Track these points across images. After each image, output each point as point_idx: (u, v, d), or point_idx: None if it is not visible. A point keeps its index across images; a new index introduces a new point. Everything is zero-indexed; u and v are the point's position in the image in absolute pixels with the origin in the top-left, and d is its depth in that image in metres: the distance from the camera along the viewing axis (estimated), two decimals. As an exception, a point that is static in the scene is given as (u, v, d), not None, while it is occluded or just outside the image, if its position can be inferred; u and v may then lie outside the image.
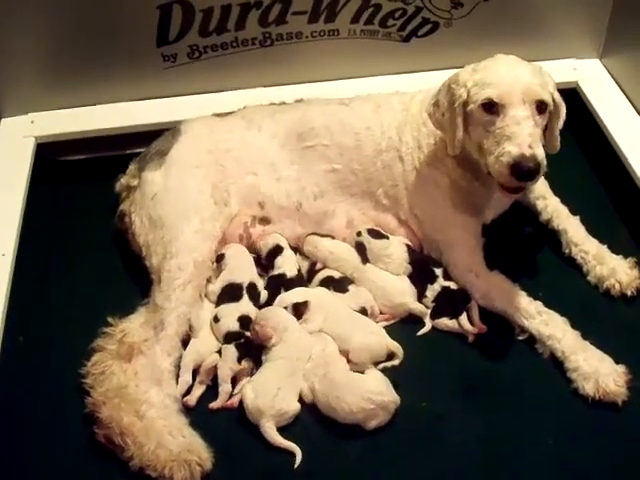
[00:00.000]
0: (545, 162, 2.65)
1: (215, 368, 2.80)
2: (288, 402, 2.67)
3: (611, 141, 3.44)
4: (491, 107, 2.73)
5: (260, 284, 3.08)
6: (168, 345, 2.80)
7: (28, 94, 3.62)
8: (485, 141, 2.76)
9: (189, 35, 3.55)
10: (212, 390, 2.79)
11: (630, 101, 3.65)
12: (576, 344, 2.79)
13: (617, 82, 3.77)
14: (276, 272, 3.10)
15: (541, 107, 2.75)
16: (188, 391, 2.79)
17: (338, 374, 2.69)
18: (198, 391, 2.79)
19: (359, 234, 3.15)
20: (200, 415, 2.72)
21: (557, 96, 2.86)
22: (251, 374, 2.79)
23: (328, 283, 3.05)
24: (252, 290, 3.01)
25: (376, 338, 2.85)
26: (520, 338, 2.90)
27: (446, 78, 2.95)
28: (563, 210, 3.28)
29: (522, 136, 2.64)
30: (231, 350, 2.79)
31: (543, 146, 2.71)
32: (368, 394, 2.59)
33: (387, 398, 2.62)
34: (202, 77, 3.69)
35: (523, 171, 2.62)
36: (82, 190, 3.67)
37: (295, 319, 2.89)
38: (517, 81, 2.72)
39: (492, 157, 2.71)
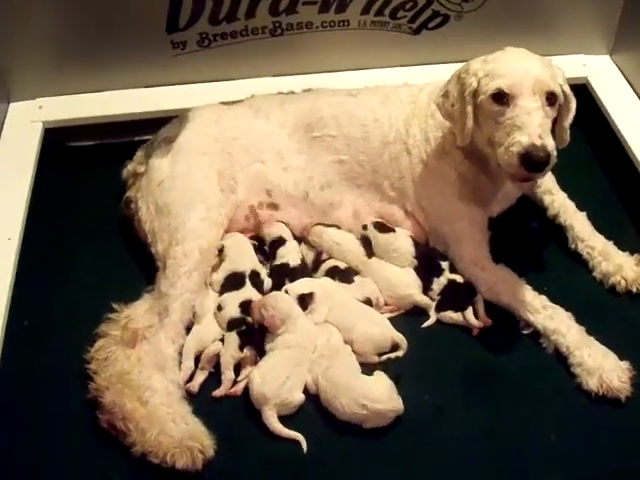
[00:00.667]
0: (555, 153, 2.64)
1: (218, 355, 2.81)
2: (294, 392, 2.68)
3: (620, 138, 3.43)
4: (501, 98, 2.71)
5: (263, 272, 3.08)
6: (172, 332, 2.80)
7: (36, 79, 3.62)
8: (495, 133, 2.75)
9: (199, 23, 3.54)
10: (215, 378, 2.79)
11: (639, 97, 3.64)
12: (581, 339, 2.78)
13: (627, 79, 3.77)
14: (279, 262, 3.10)
15: (551, 99, 2.73)
16: (191, 378, 2.79)
17: (339, 372, 2.68)
18: (200, 377, 2.80)
19: (365, 227, 3.15)
20: (203, 402, 2.72)
21: (567, 89, 2.85)
22: (255, 362, 2.78)
23: (334, 273, 3.05)
24: (255, 278, 3.02)
25: (380, 329, 2.85)
26: (525, 332, 2.90)
27: (455, 70, 2.95)
28: (570, 206, 3.27)
29: (532, 126, 2.63)
30: (233, 338, 2.79)
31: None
32: (364, 400, 2.58)
33: (383, 406, 2.59)
34: (211, 65, 3.68)
35: (533, 161, 2.60)
36: (89, 176, 3.67)
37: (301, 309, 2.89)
38: (528, 72, 2.71)
39: (502, 148, 2.69)
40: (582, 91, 3.62)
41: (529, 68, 2.74)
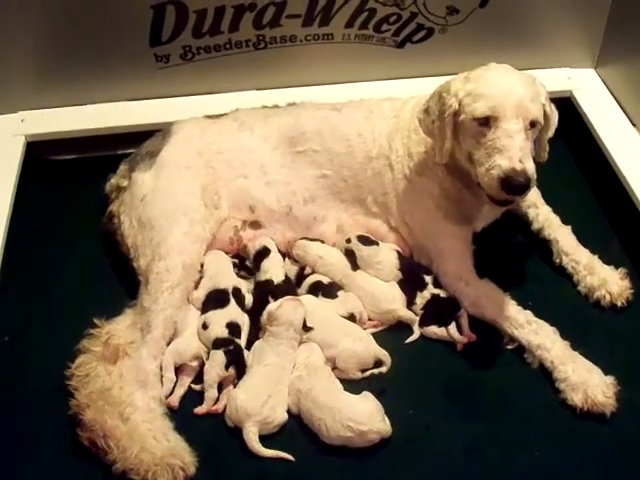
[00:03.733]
0: (535, 176, 2.65)
1: (196, 369, 2.81)
2: (276, 410, 2.66)
3: (604, 151, 3.43)
4: (483, 119, 2.71)
5: (244, 287, 3.06)
6: (154, 348, 2.78)
7: (18, 92, 3.60)
8: (475, 152, 2.76)
9: (182, 36, 3.53)
10: (197, 395, 2.77)
11: (624, 111, 3.65)
12: (565, 354, 2.77)
13: (611, 92, 3.77)
14: (263, 278, 3.07)
15: (533, 123, 2.74)
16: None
17: (323, 393, 2.65)
18: (180, 391, 2.78)
19: (349, 241, 3.14)
20: (185, 419, 2.70)
21: (548, 107, 2.85)
22: (234, 382, 2.77)
23: (317, 288, 3.03)
24: (237, 294, 2.99)
25: (364, 345, 2.83)
26: (509, 347, 2.89)
27: (438, 85, 2.94)
28: (554, 219, 3.27)
29: (513, 149, 2.63)
30: (220, 356, 2.77)
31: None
32: (349, 422, 2.55)
33: (368, 428, 2.56)
34: (195, 78, 3.67)
35: (513, 185, 2.61)
36: (71, 190, 3.65)
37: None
38: (510, 94, 2.70)
39: (482, 169, 2.71)
40: (567, 104, 3.63)
41: (512, 89, 2.73)
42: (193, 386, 2.80)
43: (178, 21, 3.48)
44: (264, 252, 3.13)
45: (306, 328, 2.86)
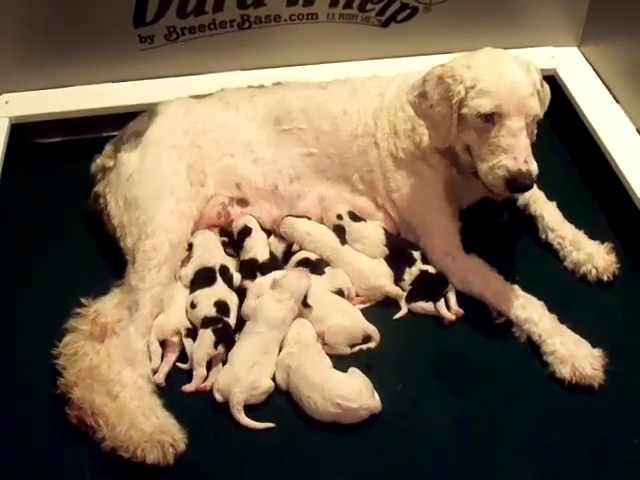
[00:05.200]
0: (537, 174, 2.69)
1: (178, 345, 2.83)
2: (262, 377, 2.67)
3: (589, 128, 3.45)
4: (487, 115, 2.72)
5: (231, 266, 3.06)
6: (142, 326, 2.78)
7: (2, 74, 3.59)
8: (477, 146, 2.78)
9: (167, 16, 3.52)
10: (186, 373, 2.77)
11: (608, 89, 3.67)
12: (553, 328, 2.79)
13: (595, 70, 3.79)
14: (247, 257, 3.08)
15: (534, 117, 2.77)
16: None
17: (312, 370, 2.66)
18: (165, 368, 2.79)
19: (340, 217, 3.15)
20: (174, 397, 2.70)
21: (542, 92, 2.87)
22: (224, 360, 2.76)
23: (304, 265, 3.03)
24: (225, 272, 3.00)
25: (352, 320, 2.84)
26: (497, 322, 2.90)
27: (431, 68, 2.90)
28: (540, 196, 3.28)
29: (518, 149, 2.67)
30: (208, 335, 2.77)
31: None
32: (338, 399, 2.56)
33: (358, 404, 2.57)
34: (179, 59, 3.67)
35: (518, 186, 2.67)
36: (56, 172, 3.65)
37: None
38: (514, 91, 2.71)
39: (486, 165, 2.73)
40: (551, 82, 3.56)
41: (515, 85, 2.72)
42: (180, 365, 2.80)
43: (162, 1, 3.47)
44: (245, 231, 3.14)
45: (305, 304, 2.86)
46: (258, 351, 2.72)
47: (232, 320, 2.88)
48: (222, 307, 2.87)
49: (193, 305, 2.89)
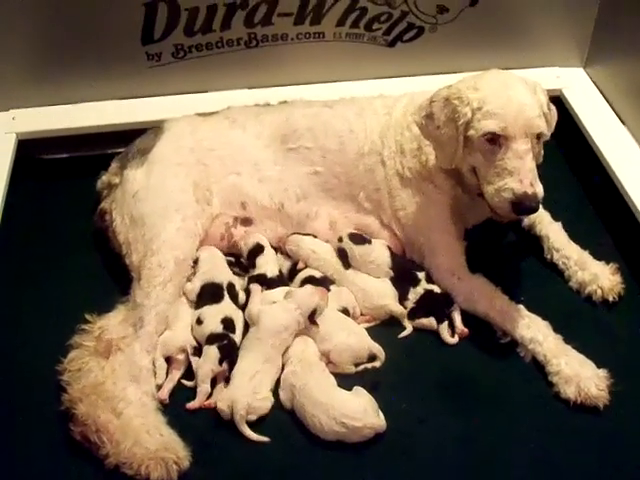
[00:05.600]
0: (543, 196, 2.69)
1: (184, 363, 2.82)
2: (262, 385, 2.69)
3: (594, 148, 3.46)
4: (493, 138, 2.72)
5: (238, 284, 3.06)
6: (147, 343, 2.78)
7: (10, 90, 3.60)
8: (483, 168, 2.78)
9: (174, 34, 3.54)
10: (190, 390, 2.77)
11: (613, 109, 3.67)
12: (558, 348, 2.78)
13: (600, 90, 3.80)
14: (256, 272, 3.08)
15: (539, 137, 2.78)
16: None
17: (317, 389, 2.65)
18: (169, 385, 2.78)
19: (340, 240, 3.14)
20: (178, 414, 2.69)
21: (549, 113, 2.87)
22: (226, 377, 2.76)
23: (310, 282, 3.02)
24: (231, 290, 3.00)
25: (358, 338, 2.83)
26: (502, 341, 2.90)
27: (438, 89, 2.91)
28: (545, 216, 3.28)
29: (524, 172, 2.67)
30: (213, 351, 2.77)
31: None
32: (343, 418, 2.55)
33: (363, 424, 2.56)
34: (186, 77, 3.68)
35: (524, 208, 2.67)
36: (63, 188, 3.65)
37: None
38: (520, 113, 2.71)
39: (492, 188, 2.73)
40: (556, 103, 3.58)
41: (522, 107, 2.73)
42: (185, 382, 2.80)
43: (170, 19, 3.49)
44: (258, 249, 3.14)
45: (313, 321, 2.86)
46: (259, 360, 2.73)
47: (237, 337, 2.87)
48: (228, 324, 2.87)
49: (199, 321, 2.89)
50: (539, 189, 2.68)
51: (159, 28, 3.51)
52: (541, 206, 3.19)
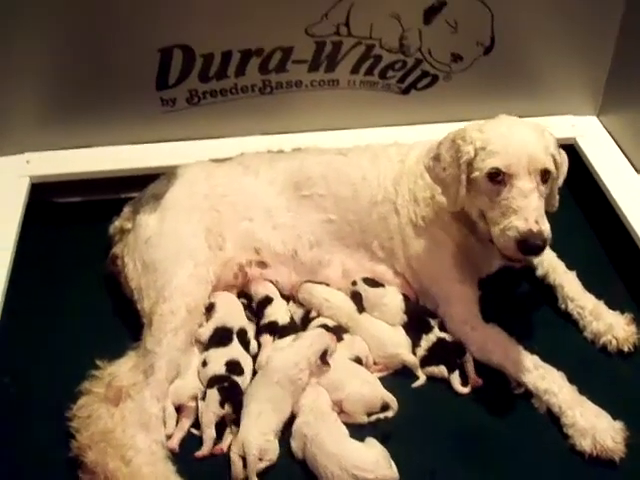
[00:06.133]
0: (550, 236, 2.64)
1: (194, 411, 2.80)
2: (269, 425, 2.67)
3: (609, 197, 3.44)
4: (496, 176, 2.71)
5: (251, 331, 3.05)
6: (157, 390, 2.75)
7: (24, 134, 3.61)
8: (489, 210, 2.76)
9: (189, 80, 3.55)
10: (199, 438, 2.73)
11: (627, 158, 3.66)
12: (573, 399, 2.74)
13: (614, 139, 3.79)
14: (266, 320, 3.07)
15: (545, 176, 2.74)
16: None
17: (329, 440, 2.61)
18: (179, 434, 2.75)
19: (354, 283, 3.14)
20: (188, 463, 2.66)
21: (558, 157, 2.85)
22: (235, 420, 2.73)
23: (323, 331, 3.01)
24: (242, 336, 2.99)
25: (371, 388, 2.80)
26: (516, 392, 2.86)
27: (447, 133, 2.93)
28: (559, 265, 3.26)
29: (529, 210, 2.63)
30: (214, 394, 2.75)
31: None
32: (354, 470, 2.51)
33: (375, 476, 2.52)
34: (200, 122, 3.69)
35: (530, 246, 2.61)
36: (76, 232, 3.64)
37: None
38: (523, 150, 2.70)
39: (497, 228, 2.70)
40: (570, 151, 3.61)
41: (525, 145, 2.72)
42: (193, 431, 2.77)
43: (185, 65, 3.50)
44: (266, 301, 3.13)
45: (324, 360, 2.85)
46: (262, 399, 2.71)
47: (244, 381, 2.85)
48: (233, 366, 2.85)
49: (204, 364, 2.88)
50: (545, 227, 2.63)
51: (174, 74, 3.52)
52: (555, 255, 3.24)
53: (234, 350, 2.92)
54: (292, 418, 2.75)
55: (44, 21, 3.31)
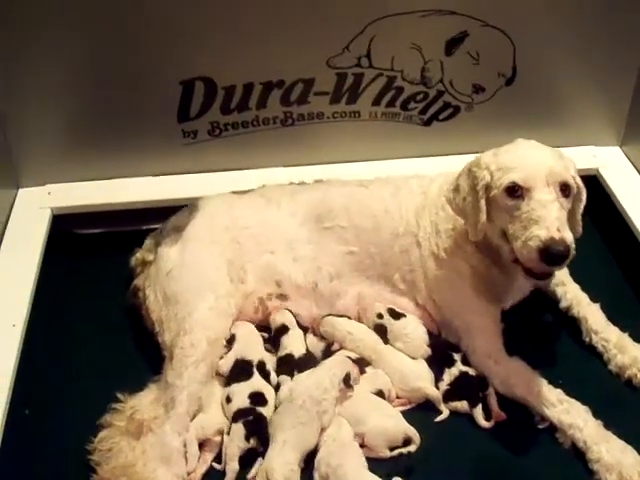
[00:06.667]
0: (574, 245, 2.60)
1: (218, 445, 2.78)
2: (293, 453, 2.65)
3: (632, 228, 3.42)
4: (515, 191, 2.69)
5: (269, 362, 3.03)
6: (178, 424, 2.73)
7: (46, 165, 3.63)
8: (510, 226, 2.73)
9: (210, 112, 3.56)
10: (222, 473, 2.71)
11: (651, 189, 3.64)
12: (598, 434, 2.70)
13: (637, 169, 3.77)
14: (283, 353, 3.05)
15: (565, 190, 2.72)
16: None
17: (351, 472, 2.58)
18: (202, 468, 2.72)
19: (380, 316, 3.12)
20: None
21: (578, 180, 2.83)
22: (261, 453, 2.72)
23: (345, 365, 2.99)
24: (262, 368, 2.97)
25: (393, 422, 2.78)
26: (540, 427, 2.82)
27: (466, 163, 2.94)
28: (583, 297, 3.23)
29: (550, 219, 2.60)
30: (239, 428, 2.73)
31: (566, 231, 2.68)
32: None
33: None
34: (222, 155, 3.70)
35: (553, 255, 2.56)
36: (97, 264, 3.64)
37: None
38: (540, 164, 2.70)
39: (519, 242, 2.66)
40: (593, 182, 3.62)
41: (541, 160, 2.73)
42: (215, 465, 2.75)
43: (206, 97, 3.51)
44: (282, 329, 3.11)
45: (348, 384, 2.84)
46: (288, 427, 2.70)
47: (269, 411, 2.84)
48: (257, 398, 2.84)
49: (228, 399, 2.86)
50: (567, 234, 2.59)
51: (195, 106, 3.53)
52: (579, 287, 3.21)
53: (256, 383, 2.91)
54: (315, 450, 2.73)
55: (67, 55, 3.34)
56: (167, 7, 3.27)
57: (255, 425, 2.75)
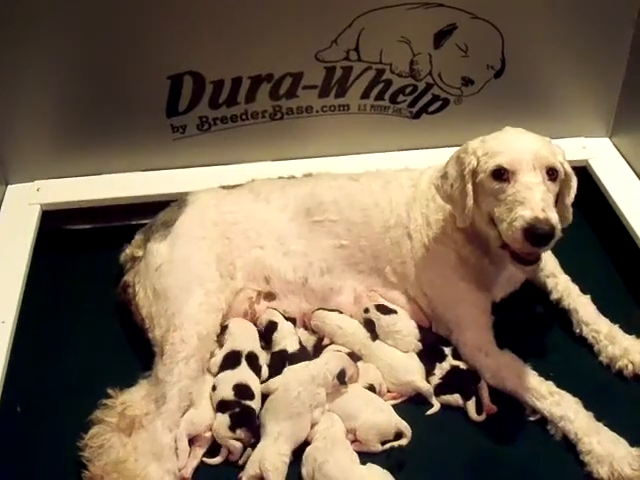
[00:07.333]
0: (559, 226, 2.60)
1: (209, 440, 2.79)
2: (287, 444, 2.67)
3: (622, 219, 3.42)
4: (501, 175, 2.70)
5: (262, 357, 3.02)
6: (169, 420, 2.72)
7: (35, 161, 3.62)
8: (496, 209, 2.72)
9: (199, 106, 3.55)
10: (214, 467, 2.73)
11: (640, 178, 3.64)
12: (589, 426, 2.71)
13: (627, 160, 3.77)
14: (277, 348, 3.04)
15: (552, 174, 2.72)
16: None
17: (336, 468, 2.58)
18: (192, 463, 2.72)
19: (367, 310, 3.11)
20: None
21: (567, 167, 2.84)
22: (250, 443, 2.74)
23: (336, 360, 2.98)
24: (253, 360, 2.96)
25: (384, 416, 2.78)
26: (531, 419, 2.82)
27: (454, 152, 2.95)
28: (574, 289, 3.23)
29: (535, 200, 2.60)
30: (224, 419, 2.75)
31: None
32: None
33: None
34: (211, 149, 3.69)
35: (537, 235, 2.56)
36: (86, 260, 3.63)
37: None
38: (527, 147, 2.71)
39: (505, 224, 2.66)
40: (582, 173, 3.61)
41: (528, 144, 2.74)
42: (206, 460, 2.75)
43: (195, 92, 3.50)
44: (271, 327, 3.10)
45: (342, 381, 2.83)
46: (282, 418, 2.71)
47: (256, 404, 2.84)
48: (242, 390, 2.83)
49: (214, 387, 2.87)
50: (552, 215, 2.59)
51: (184, 101, 3.52)
52: (569, 279, 3.21)
53: (243, 373, 2.90)
54: (304, 444, 2.73)
55: (55, 50, 3.33)
56: (154, 2, 3.26)
57: (242, 417, 2.75)
